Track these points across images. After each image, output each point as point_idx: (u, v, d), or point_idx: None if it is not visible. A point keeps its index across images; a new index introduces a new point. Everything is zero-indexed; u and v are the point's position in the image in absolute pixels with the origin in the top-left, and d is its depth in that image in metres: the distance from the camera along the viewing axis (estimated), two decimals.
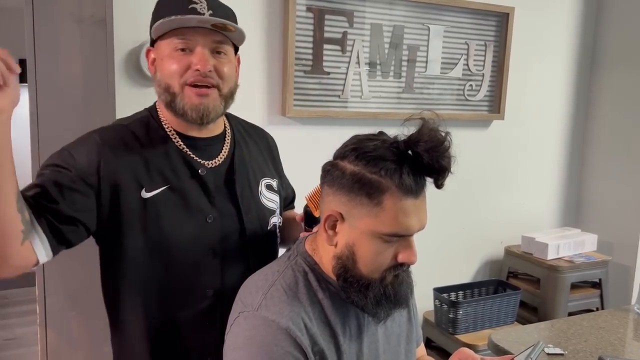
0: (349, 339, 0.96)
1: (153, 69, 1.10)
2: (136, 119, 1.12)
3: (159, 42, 1.07)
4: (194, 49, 1.04)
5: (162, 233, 1.04)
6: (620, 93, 2.75)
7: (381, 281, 0.92)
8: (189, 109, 1.05)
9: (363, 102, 2.27)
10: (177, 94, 1.05)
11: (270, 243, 1.21)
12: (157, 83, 1.08)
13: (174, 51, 1.04)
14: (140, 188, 1.03)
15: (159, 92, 1.09)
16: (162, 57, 1.06)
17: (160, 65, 1.07)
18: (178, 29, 1.03)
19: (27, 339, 3.16)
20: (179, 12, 1.01)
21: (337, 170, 0.91)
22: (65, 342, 1.83)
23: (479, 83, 2.53)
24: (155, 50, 1.09)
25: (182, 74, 1.04)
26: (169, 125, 1.10)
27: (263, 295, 0.93)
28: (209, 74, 1.04)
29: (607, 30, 2.80)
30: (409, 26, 2.31)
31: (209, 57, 1.04)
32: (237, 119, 1.26)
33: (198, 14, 1.02)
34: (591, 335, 1.68)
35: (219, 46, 1.06)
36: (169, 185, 1.05)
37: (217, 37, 1.05)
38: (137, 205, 1.03)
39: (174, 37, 1.04)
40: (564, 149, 2.90)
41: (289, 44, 2.04)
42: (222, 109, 1.09)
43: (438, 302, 2.32)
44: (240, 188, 1.13)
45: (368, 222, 0.88)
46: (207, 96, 1.05)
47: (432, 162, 0.86)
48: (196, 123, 1.07)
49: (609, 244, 2.75)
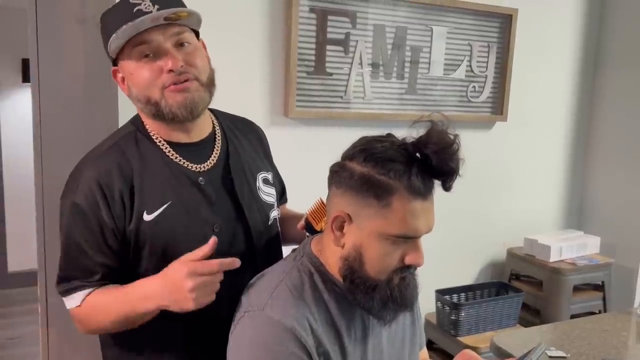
0: (354, 341, 0.96)
1: (126, 88, 1.06)
2: (123, 135, 1.08)
3: (121, 60, 1.03)
4: (157, 51, 1.00)
5: (169, 250, 1.02)
6: (624, 95, 2.75)
7: (388, 283, 0.91)
8: (176, 109, 1.02)
9: (366, 103, 2.26)
10: (159, 101, 1.01)
11: (275, 239, 1.20)
12: (136, 99, 1.04)
13: (139, 61, 1.00)
14: (142, 212, 1.01)
15: (141, 108, 1.06)
16: (130, 72, 1.02)
17: (131, 80, 1.03)
18: (133, 37, 0.99)
19: (29, 338, 3.16)
20: (126, 20, 0.97)
21: (346, 171, 0.91)
22: (67, 341, 1.83)
23: (481, 84, 2.53)
24: (120, 68, 1.05)
25: (157, 80, 1.00)
26: (157, 135, 1.07)
27: (269, 295, 0.93)
28: (182, 69, 1.00)
29: (610, 32, 2.79)
30: (412, 27, 2.31)
31: (175, 53, 1.00)
32: (223, 114, 1.23)
33: (145, 14, 0.97)
34: (594, 338, 1.68)
35: (180, 37, 1.02)
36: (169, 202, 1.03)
37: (175, 29, 1.01)
38: (142, 228, 1.01)
39: (134, 46, 1.00)
40: (567, 150, 2.89)
41: (292, 44, 2.04)
42: (208, 98, 1.07)
43: (440, 303, 2.32)
44: (239, 186, 1.12)
45: (376, 224, 0.88)
46: (189, 89, 1.02)
47: (440, 164, 0.86)
48: (187, 120, 1.04)
49: (612, 246, 2.74)
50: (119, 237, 1.01)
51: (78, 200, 1.00)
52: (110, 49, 1.02)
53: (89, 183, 1.00)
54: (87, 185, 1.00)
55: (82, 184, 1.01)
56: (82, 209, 1.00)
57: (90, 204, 1.00)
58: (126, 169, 1.03)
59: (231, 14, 1.98)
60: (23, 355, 3.08)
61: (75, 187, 1.02)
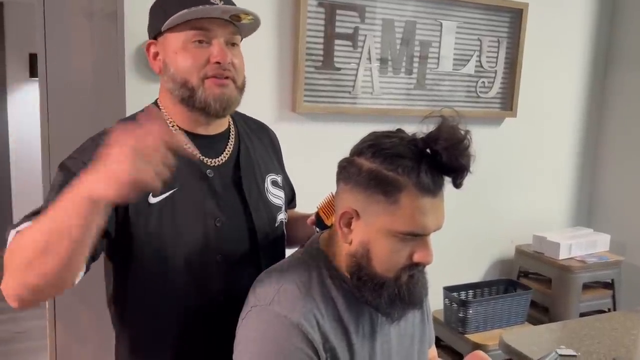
0: (362, 338, 0.95)
1: (158, 64, 1.05)
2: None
3: (167, 35, 1.02)
4: (210, 40, 1.01)
5: (170, 238, 1.02)
6: (635, 92, 2.71)
7: (396, 281, 0.90)
8: (212, 101, 1.01)
9: (374, 99, 2.25)
10: (196, 88, 1.01)
11: (279, 241, 1.20)
12: (171, 78, 1.03)
13: (188, 43, 1.00)
14: (147, 193, 1.00)
15: (172, 88, 1.03)
16: (174, 50, 1.02)
17: (172, 59, 1.02)
18: (192, 20, 0.99)
19: (37, 333, 3.17)
20: (192, 4, 0.97)
21: (354, 167, 0.89)
22: (74, 336, 1.84)
23: (491, 80, 2.50)
24: (160, 44, 1.04)
25: (201, 68, 1.00)
26: (174, 124, 1.07)
27: (276, 290, 0.92)
28: (227, 66, 1.01)
29: (622, 28, 2.76)
30: (421, 22, 2.29)
31: (227, 49, 1.02)
32: (238, 114, 1.23)
33: (210, 3, 0.99)
34: (604, 337, 1.66)
35: (233, 38, 1.04)
36: (175, 188, 1.02)
37: (232, 28, 1.03)
38: (145, 211, 1.00)
39: (189, 29, 1.00)
40: (577, 147, 2.86)
41: (300, 39, 2.02)
42: (239, 101, 1.07)
43: (448, 301, 2.30)
44: (247, 185, 1.11)
45: (384, 220, 0.87)
46: (227, 86, 1.03)
47: (451, 160, 0.84)
48: (218, 115, 1.05)
49: (622, 244, 2.72)
50: (118, 211, 0.97)
51: (86, 159, 0.93)
52: (165, 22, 0.99)
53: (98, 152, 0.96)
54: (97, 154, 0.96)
55: (90, 149, 0.96)
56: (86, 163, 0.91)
57: None
58: None
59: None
60: (30, 349, 3.10)
61: (81, 151, 1.00)
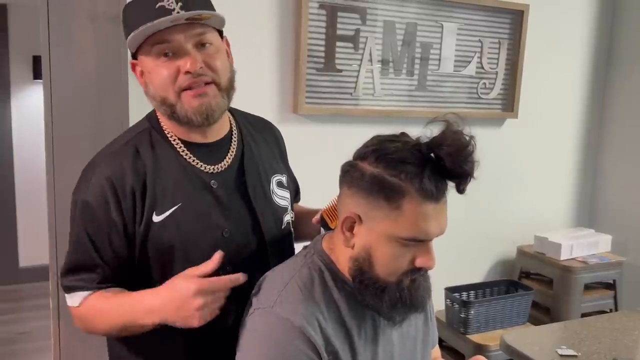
0: (364, 341, 0.95)
1: (144, 83, 1.03)
2: (137, 132, 1.06)
3: (139, 55, 1.01)
4: (177, 51, 0.97)
5: (178, 252, 1.01)
6: (636, 93, 2.71)
7: (398, 285, 0.90)
8: (192, 114, 0.99)
9: (375, 100, 2.26)
10: (174, 103, 0.99)
11: (287, 242, 1.19)
12: (152, 97, 1.02)
13: (157, 59, 0.98)
14: (152, 213, 1.00)
15: (157, 106, 1.03)
16: (148, 69, 1.00)
17: (149, 78, 1.01)
18: (153, 35, 0.96)
19: (41, 333, 3.18)
20: (147, 17, 0.94)
21: (357, 172, 0.89)
22: (77, 336, 1.84)
23: (492, 81, 2.51)
24: (139, 62, 1.02)
25: (174, 81, 0.98)
26: (173, 134, 1.05)
27: (278, 293, 0.92)
28: (200, 71, 0.97)
29: (623, 29, 2.76)
30: (422, 23, 2.29)
31: (195, 54, 0.97)
32: (242, 114, 1.21)
33: (167, 11, 0.94)
34: (605, 337, 1.67)
35: (202, 38, 0.99)
36: (179, 204, 1.01)
37: (197, 29, 0.98)
38: (150, 231, 1.00)
39: (153, 44, 0.97)
40: (578, 148, 2.86)
41: (301, 40, 2.03)
42: (225, 104, 1.04)
43: (449, 301, 2.31)
44: (252, 189, 1.10)
45: (386, 226, 0.87)
46: (206, 94, 0.99)
47: (454, 166, 0.84)
48: (203, 125, 1.02)
49: (624, 244, 2.72)
50: (127, 237, 1.00)
51: (89, 198, 1.00)
52: (130, 44, 0.99)
53: (100, 181, 0.99)
54: (99, 184, 0.99)
55: (94, 182, 1.00)
56: (92, 207, 0.99)
57: (100, 202, 0.99)
58: (139, 167, 1.01)
59: (241, 9, 1.97)
60: (34, 349, 3.11)
61: (87, 184, 1.01)
